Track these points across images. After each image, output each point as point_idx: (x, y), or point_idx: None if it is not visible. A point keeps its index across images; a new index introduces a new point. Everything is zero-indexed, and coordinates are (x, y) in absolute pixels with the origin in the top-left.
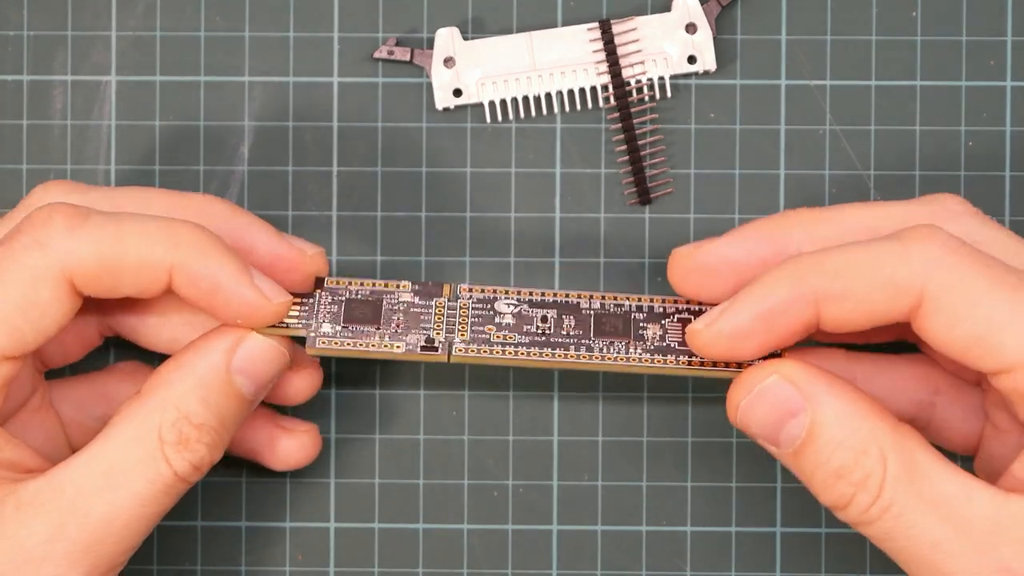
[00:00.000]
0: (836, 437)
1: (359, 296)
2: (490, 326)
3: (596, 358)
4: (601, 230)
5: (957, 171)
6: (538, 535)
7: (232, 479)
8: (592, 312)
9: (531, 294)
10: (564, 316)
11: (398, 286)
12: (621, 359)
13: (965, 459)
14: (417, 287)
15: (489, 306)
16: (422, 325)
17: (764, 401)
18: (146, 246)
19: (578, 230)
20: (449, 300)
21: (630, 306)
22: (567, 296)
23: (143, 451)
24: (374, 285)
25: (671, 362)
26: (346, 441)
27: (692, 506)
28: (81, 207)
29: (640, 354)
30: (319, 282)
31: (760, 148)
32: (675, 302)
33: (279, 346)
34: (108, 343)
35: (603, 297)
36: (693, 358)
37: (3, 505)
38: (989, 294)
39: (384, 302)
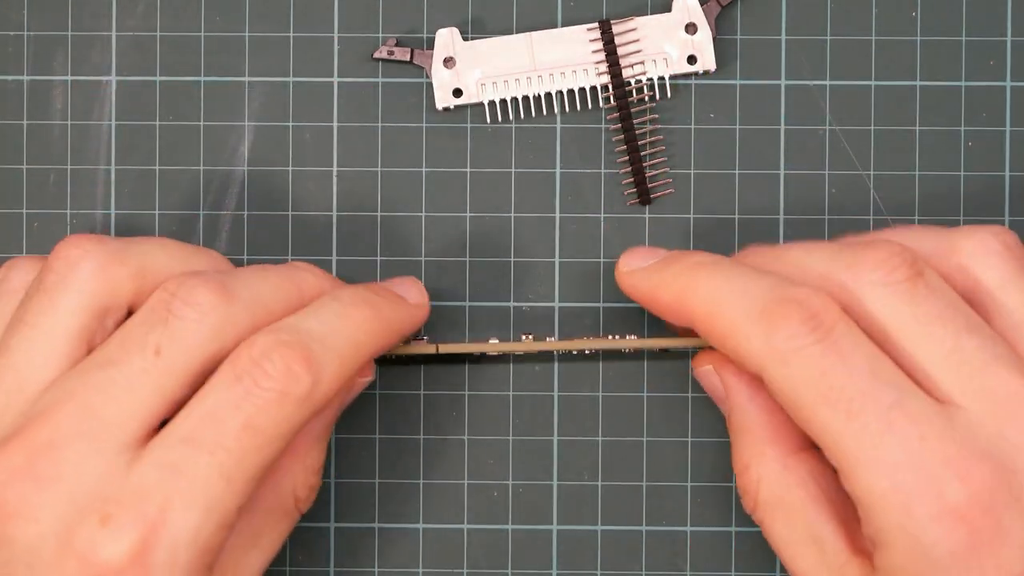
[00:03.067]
0: (736, 440)
1: None
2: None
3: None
4: (601, 230)
5: (957, 171)
6: (538, 535)
7: None
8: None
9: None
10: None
11: None
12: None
13: None
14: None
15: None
16: None
17: (704, 380)
18: (357, 360)
19: (578, 230)
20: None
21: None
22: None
23: (281, 513)
24: None
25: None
26: (346, 441)
27: (692, 506)
28: (294, 346)
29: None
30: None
31: (760, 148)
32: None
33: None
34: None
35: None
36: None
37: None
38: (811, 401)
39: None
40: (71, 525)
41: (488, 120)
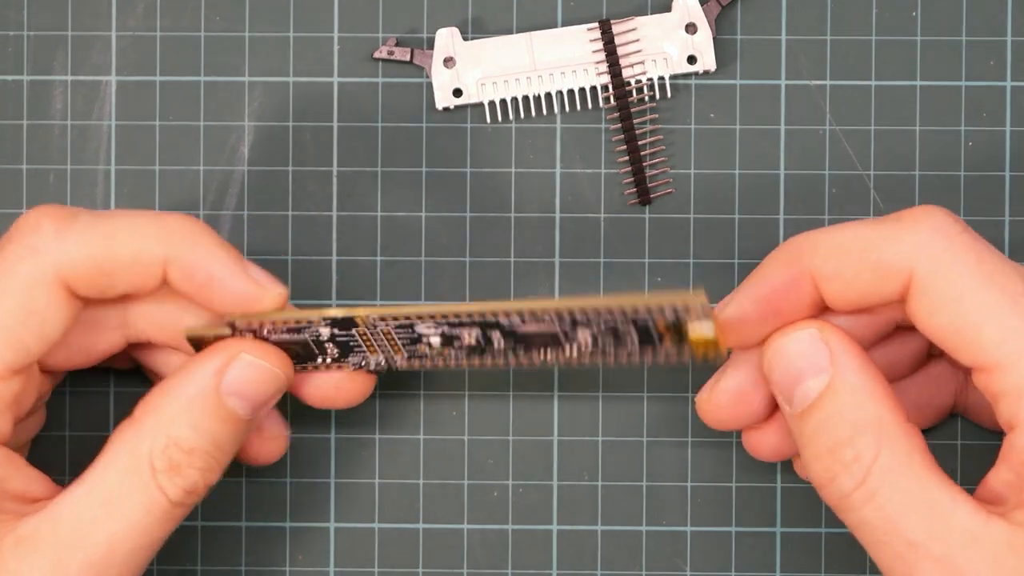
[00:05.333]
0: (842, 409)
1: (283, 334)
2: (420, 346)
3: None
4: (601, 230)
5: (957, 171)
6: (538, 535)
7: (232, 479)
8: (514, 328)
9: (445, 317)
10: (489, 332)
11: (310, 322)
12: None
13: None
14: (329, 320)
15: (410, 331)
16: (355, 352)
17: (793, 350)
18: (137, 241)
19: (578, 230)
20: (368, 329)
21: (551, 319)
22: (483, 315)
23: (136, 480)
24: (286, 323)
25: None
26: (346, 441)
27: (692, 506)
28: (68, 208)
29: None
30: (232, 327)
31: (760, 148)
32: (598, 312)
33: (272, 367)
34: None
35: (520, 312)
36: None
37: (2, 542)
38: (974, 287)
39: (307, 337)
40: None
41: (488, 120)
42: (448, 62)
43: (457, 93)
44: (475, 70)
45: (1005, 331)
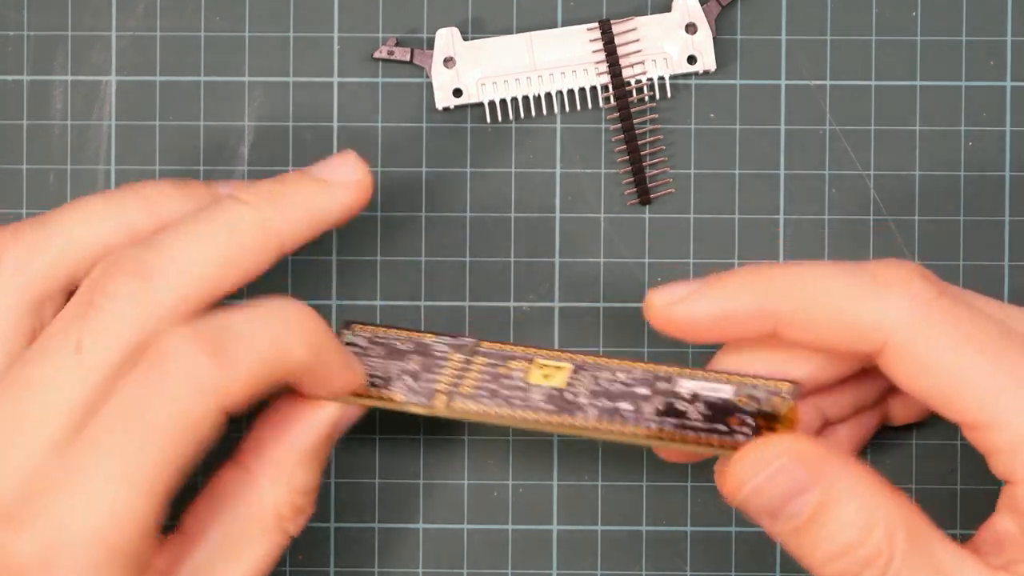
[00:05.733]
0: (845, 515)
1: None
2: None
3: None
4: (601, 230)
5: (957, 171)
6: (538, 535)
7: None
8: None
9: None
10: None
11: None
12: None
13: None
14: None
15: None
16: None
17: (775, 483)
18: (276, 365)
19: (578, 230)
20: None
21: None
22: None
23: (262, 526)
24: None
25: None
26: (346, 441)
27: (692, 506)
28: (206, 336)
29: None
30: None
31: (760, 148)
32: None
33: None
34: None
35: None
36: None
37: None
38: (954, 351)
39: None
40: None
41: (488, 120)
42: (448, 62)
43: (457, 93)
44: (475, 70)
45: (989, 391)
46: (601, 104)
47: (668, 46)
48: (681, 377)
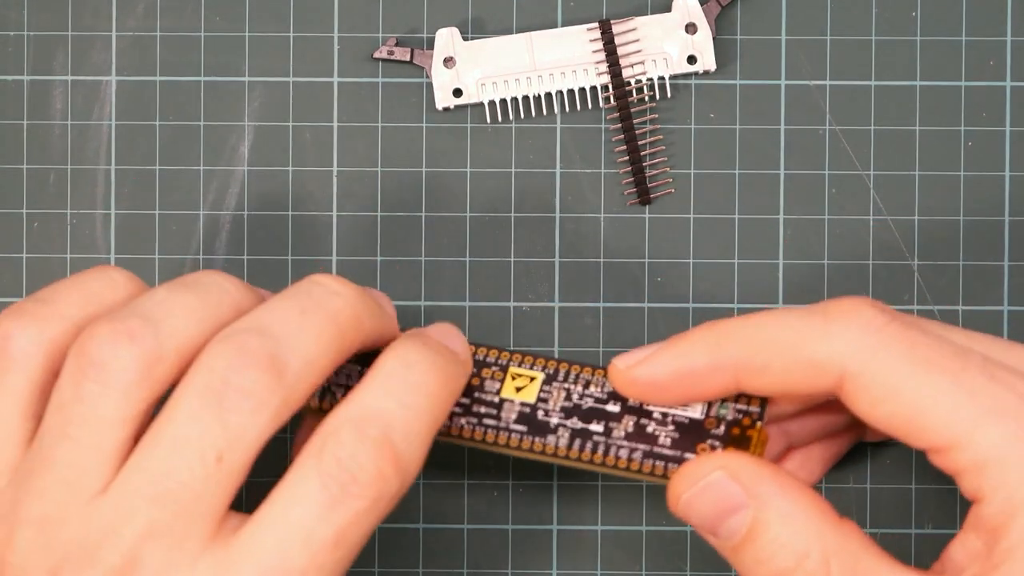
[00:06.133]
0: (778, 537)
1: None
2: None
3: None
4: (601, 230)
5: (957, 171)
6: (538, 535)
7: None
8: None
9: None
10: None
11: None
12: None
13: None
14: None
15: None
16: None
17: (707, 496)
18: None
19: (578, 230)
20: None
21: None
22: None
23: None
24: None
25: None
26: None
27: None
28: (264, 357)
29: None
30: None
31: (760, 148)
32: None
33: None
34: None
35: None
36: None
37: None
38: (912, 375)
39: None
40: None
41: (488, 120)
42: (448, 62)
43: (457, 93)
44: (475, 70)
45: (950, 411)
46: (601, 104)
47: (668, 46)
48: None
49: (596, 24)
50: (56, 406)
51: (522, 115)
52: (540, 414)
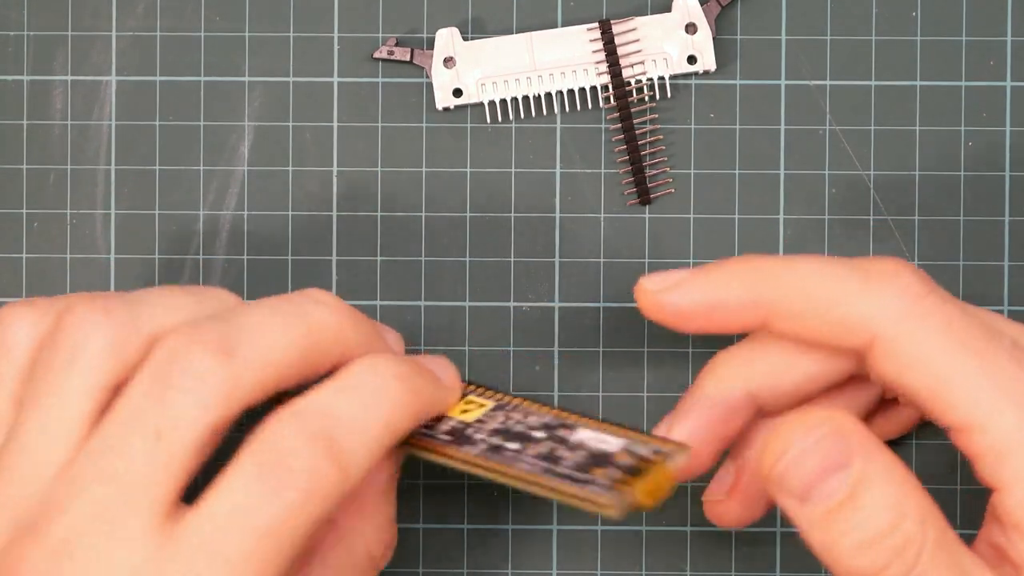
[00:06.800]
0: (879, 497)
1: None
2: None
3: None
4: (601, 230)
5: (957, 171)
6: (538, 535)
7: None
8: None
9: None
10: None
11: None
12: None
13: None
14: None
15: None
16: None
17: (813, 456)
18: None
19: (578, 230)
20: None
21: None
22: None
23: (361, 572)
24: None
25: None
26: None
27: (692, 506)
28: (214, 340)
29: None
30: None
31: (760, 148)
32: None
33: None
34: None
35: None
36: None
37: None
38: (942, 350)
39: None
40: None
41: (488, 120)
42: (448, 62)
43: (457, 93)
44: (475, 70)
45: (976, 392)
46: (601, 104)
47: (668, 46)
48: (584, 427)
49: (596, 24)
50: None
51: (522, 115)
52: (470, 431)
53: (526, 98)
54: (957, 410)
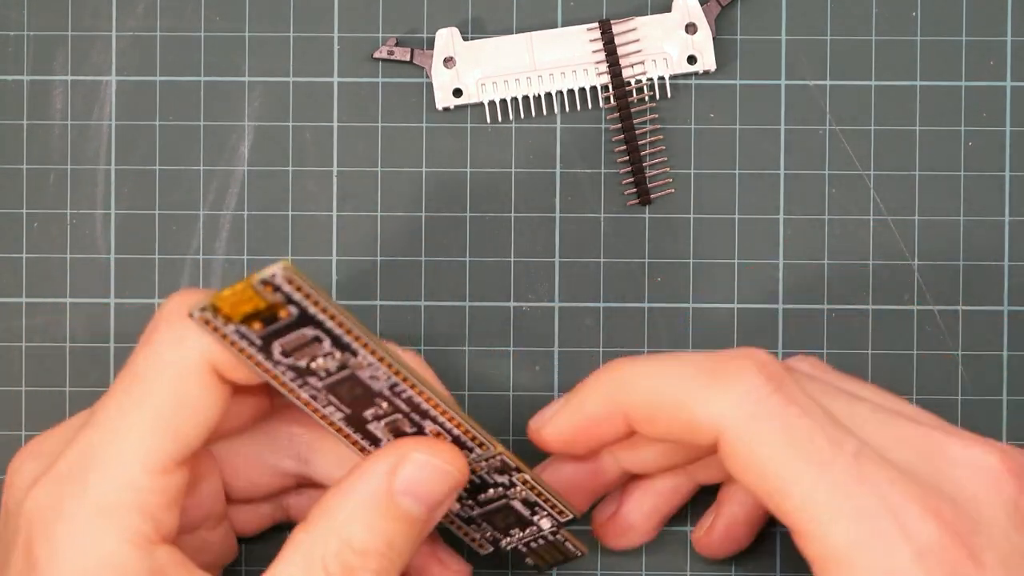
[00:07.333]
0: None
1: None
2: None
3: None
4: (601, 230)
5: (957, 171)
6: None
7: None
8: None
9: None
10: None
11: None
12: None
13: None
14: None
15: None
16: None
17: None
18: None
19: (578, 230)
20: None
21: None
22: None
23: None
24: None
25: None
26: None
27: (692, 506)
28: (207, 292)
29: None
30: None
31: (760, 148)
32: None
33: (446, 464)
34: None
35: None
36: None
37: None
38: (779, 454)
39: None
40: None
41: (488, 120)
42: (448, 62)
43: (457, 93)
44: (475, 70)
45: (810, 500)
46: (601, 104)
47: (668, 46)
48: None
49: (596, 24)
50: None
51: (522, 115)
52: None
53: (526, 98)
54: (789, 514)
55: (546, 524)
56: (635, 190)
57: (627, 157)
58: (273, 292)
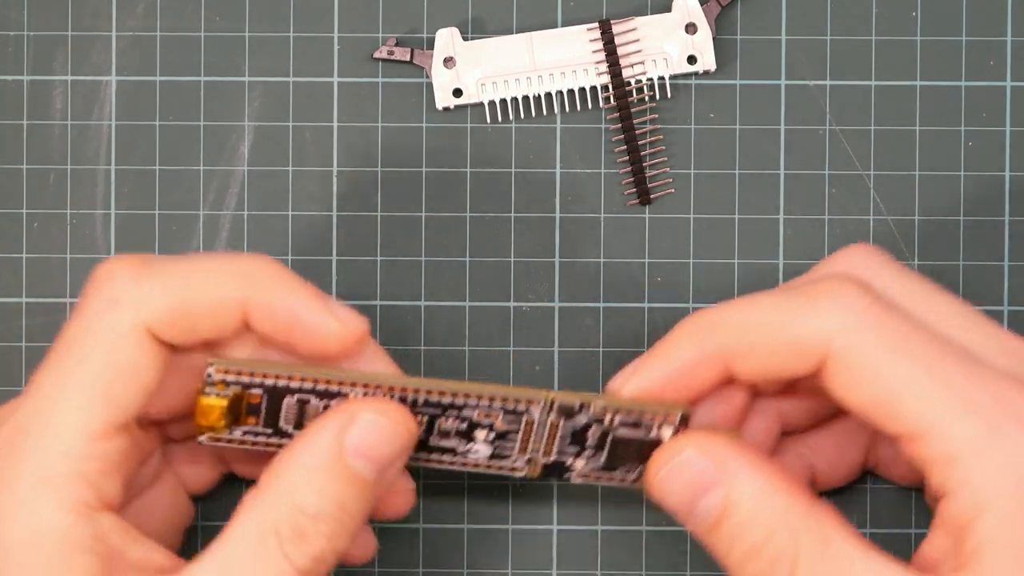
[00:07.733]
0: (750, 514)
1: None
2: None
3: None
4: (601, 230)
5: (957, 171)
6: (538, 535)
7: (236, 483)
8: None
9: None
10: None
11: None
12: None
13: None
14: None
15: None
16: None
17: (680, 475)
18: (215, 283)
19: (578, 230)
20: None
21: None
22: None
23: (263, 549)
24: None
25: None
26: None
27: None
28: (143, 255)
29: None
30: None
31: (760, 148)
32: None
33: (395, 423)
34: None
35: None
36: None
37: None
38: (889, 360)
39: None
40: None
41: (488, 120)
42: (448, 62)
43: (457, 93)
44: (475, 70)
45: (923, 400)
46: (601, 104)
47: (668, 46)
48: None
49: (596, 24)
50: None
51: (522, 115)
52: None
53: (526, 98)
54: (906, 418)
55: (667, 433)
56: (635, 190)
57: (627, 157)
58: (225, 387)
